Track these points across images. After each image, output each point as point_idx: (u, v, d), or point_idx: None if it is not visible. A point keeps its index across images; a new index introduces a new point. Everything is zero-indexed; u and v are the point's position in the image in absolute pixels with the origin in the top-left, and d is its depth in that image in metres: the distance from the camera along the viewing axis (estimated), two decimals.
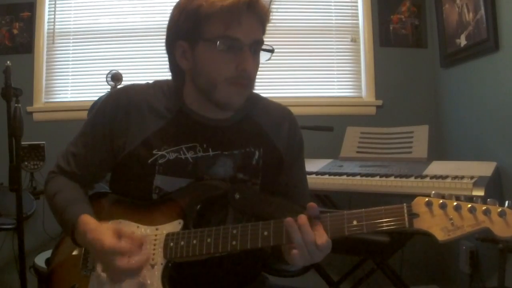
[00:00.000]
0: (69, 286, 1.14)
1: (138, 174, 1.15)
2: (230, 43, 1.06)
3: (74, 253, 1.17)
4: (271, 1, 1.11)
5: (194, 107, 1.17)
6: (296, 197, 1.24)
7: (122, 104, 1.17)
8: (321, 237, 0.93)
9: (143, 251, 1.02)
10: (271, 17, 1.12)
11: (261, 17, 1.10)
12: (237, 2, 1.03)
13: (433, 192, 0.89)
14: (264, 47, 1.13)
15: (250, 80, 1.11)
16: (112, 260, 0.98)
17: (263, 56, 1.14)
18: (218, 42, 1.05)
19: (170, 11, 1.15)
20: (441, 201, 0.87)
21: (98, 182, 1.29)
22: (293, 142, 1.24)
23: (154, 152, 1.14)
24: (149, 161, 1.14)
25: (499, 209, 0.83)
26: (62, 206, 1.14)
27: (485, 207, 0.84)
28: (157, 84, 1.22)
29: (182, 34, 1.10)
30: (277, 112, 1.26)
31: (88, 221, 1.07)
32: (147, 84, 1.22)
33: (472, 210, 0.84)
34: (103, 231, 1.02)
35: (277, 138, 1.22)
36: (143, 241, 1.04)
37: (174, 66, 1.17)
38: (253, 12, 1.07)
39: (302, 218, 0.95)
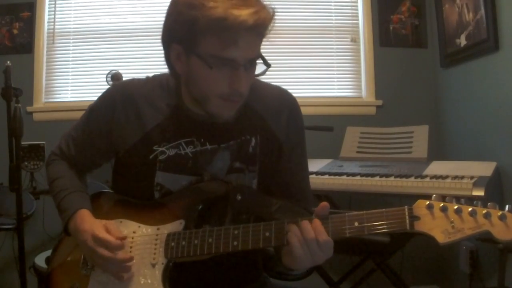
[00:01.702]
0: (69, 285, 1.14)
1: (140, 171, 1.16)
2: (225, 63, 1.02)
3: (74, 253, 1.18)
4: (272, 17, 1.04)
5: (190, 105, 1.16)
6: (295, 186, 1.24)
7: (119, 99, 1.17)
8: (321, 234, 0.93)
9: (125, 249, 1.08)
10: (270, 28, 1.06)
11: (261, 34, 1.05)
12: (237, 24, 0.96)
13: (434, 195, 0.89)
14: (260, 61, 1.08)
15: (242, 97, 1.08)
16: (95, 247, 1.05)
17: (257, 69, 1.10)
18: (211, 61, 1.02)
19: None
20: (442, 204, 0.87)
21: (97, 168, 1.31)
22: (293, 129, 1.22)
23: (154, 148, 1.15)
24: (150, 157, 1.14)
25: (500, 213, 0.84)
26: (60, 193, 1.19)
27: (485, 211, 0.85)
28: (156, 78, 1.21)
29: (177, 38, 1.06)
30: (277, 98, 1.23)
31: (85, 217, 1.13)
32: (146, 78, 1.22)
33: (472, 213, 0.85)
34: (95, 224, 1.10)
35: (275, 125, 1.20)
36: (123, 239, 1.08)
37: (169, 64, 1.13)
38: (253, 31, 1.01)
39: (304, 223, 0.96)
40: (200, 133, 1.15)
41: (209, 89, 1.06)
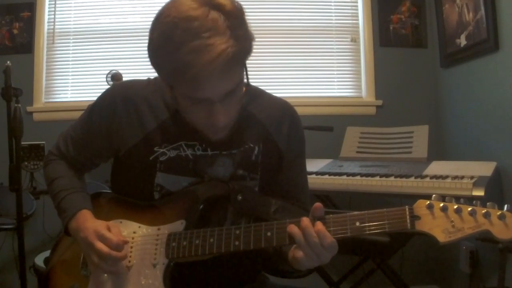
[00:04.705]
0: (69, 286, 1.14)
1: (140, 172, 1.16)
2: (200, 100, 1.00)
3: (73, 253, 1.18)
4: (239, 45, 0.95)
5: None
6: (296, 195, 1.24)
7: (119, 99, 1.17)
8: (326, 238, 0.93)
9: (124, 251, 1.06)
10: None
11: (230, 68, 0.96)
12: (196, 74, 0.92)
13: (434, 195, 0.90)
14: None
15: (219, 128, 1.06)
16: (94, 244, 1.04)
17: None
18: (188, 99, 1.01)
19: None
20: (442, 204, 0.88)
21: (96, 168, 1.31)
22: (293, 139, 1.23)
23: (155, 149, 1.14)
24: (151, 158, 1.14)
25: (499, 212, 0.85)
26: (60, 193, 1.18)
27: (485, 210, 0.85)
28: (158, 81, 1.19)
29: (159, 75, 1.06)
30: (278, 108, 1.24)
31: (88, 217, 1.13)
32: (148, 80, 1.21)
33: (472, 213, 0.86)
34: (98, 223, 1.10)
35: (277, 134, 1.21)
36: (125, 244, 1.08)
37: None
38: (218, 72, 0.93)
39: (304, 221, 0.95)
40: (202, 138, 1.14)
41: (192, 118, 1.07)
